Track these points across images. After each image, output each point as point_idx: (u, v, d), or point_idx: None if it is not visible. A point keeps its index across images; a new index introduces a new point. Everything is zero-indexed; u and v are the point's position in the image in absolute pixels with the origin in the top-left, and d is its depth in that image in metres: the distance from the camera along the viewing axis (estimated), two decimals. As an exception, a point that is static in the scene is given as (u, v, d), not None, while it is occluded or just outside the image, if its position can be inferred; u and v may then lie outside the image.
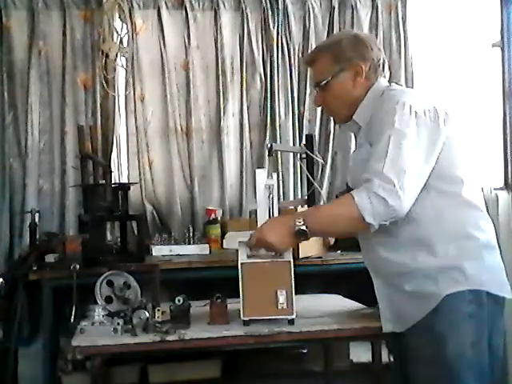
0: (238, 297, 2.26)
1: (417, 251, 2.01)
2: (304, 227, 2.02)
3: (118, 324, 2.21)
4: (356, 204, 1.95)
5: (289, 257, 2.23)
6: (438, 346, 1.97)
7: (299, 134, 4.45)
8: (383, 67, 2.20)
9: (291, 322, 2.26)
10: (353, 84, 2.17)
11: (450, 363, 1.96)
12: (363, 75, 2.16)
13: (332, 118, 2.39)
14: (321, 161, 4.01)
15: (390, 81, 2.25)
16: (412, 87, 4.54)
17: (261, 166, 4.43)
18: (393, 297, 2.10)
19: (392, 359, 2.31)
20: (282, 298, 2.22)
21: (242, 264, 2.26)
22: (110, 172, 3.78)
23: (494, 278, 2.04)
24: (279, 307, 2.22)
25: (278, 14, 4.44)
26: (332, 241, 3.87)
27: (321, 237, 2.34)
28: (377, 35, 4.53)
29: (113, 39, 4.23)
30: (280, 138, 4.44)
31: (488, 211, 2.10)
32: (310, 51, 2.51)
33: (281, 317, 2.25)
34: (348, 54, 2.17)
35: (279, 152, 4.32)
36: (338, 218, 2.04)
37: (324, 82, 2.18)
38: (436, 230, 2.00)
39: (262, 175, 2.35)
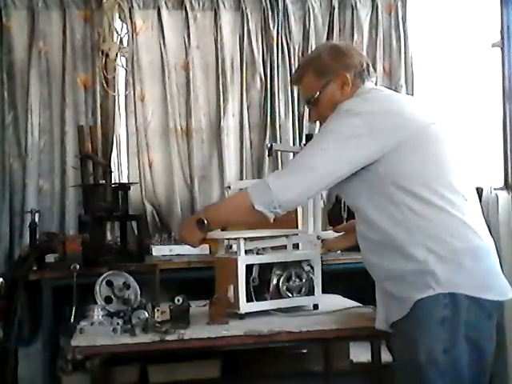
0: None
1: (394, 256, 2.02)
2: (203, 217, 2.22)
3: (118, 324, 2.21)
4: (248, 192, 2.08)
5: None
6: (410, 350, 1.95)
7: (299, 134, 4.45)
8: (368, 71, 2.20)
9: (241, 316, 2.37)
10: (341, 93, 2.18)
11: (422, 369, 1.93)
12: (349, 83, 2.17)
13: None
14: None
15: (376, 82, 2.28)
16: (412, 87, 4.55)
17: (261, 166, 4.44)
18: (383, 297, 2.13)
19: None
20: (230, 293, 2.39)
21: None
22: (110, 172, 3.79)
23: (475, 282, 1.96)
24: (229, 301, 2.39)
25: (278, 14, 4.45)
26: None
27: (222, 226, 2.42)
28: (377, 35, 4.54)
29: (113, 39, 4.22)
30: (280, 138, 4.44)
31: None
32: (295, 70, 2.50)
33: (232, 310, 2.38)
34: (331, 66, 2.19)
35: (279, 152, 4.31)
36: (235, 208, 2.19)
37: (314, 98, 2.21)
38: (406, 235, 1.98)
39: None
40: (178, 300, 2.32)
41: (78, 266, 2.80)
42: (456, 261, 1.96)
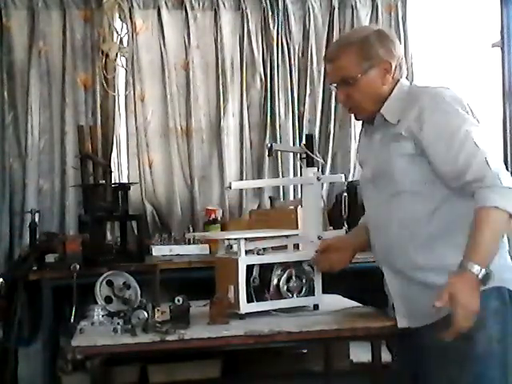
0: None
1: (449, 249, 2.00)
2: (483, 270, 1.91)
3: (118, 324, 2.21)
4: (499, 209, 1.92)
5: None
6: (465, 343, 1.95)
7: (299, 133, 4.45)
8: (404, 65, 2.21)
9: (242, 316, 2.35)
10: (381, 81, 2.13)
11: (478, 360, 1.97)
12: (392, 72, 2.13)
13: (351, 115, 2.32)
14: (321, 161, 3.99)
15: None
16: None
17: (261, 166, 4.44)
18: (411, 292, 2.10)
19: (396, 358, 2.29)
20: (230, 293, 2.38)
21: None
22: (110, 172, 3.79)
23: None
24: (230, 301, 2.38)
25: (278, 14, 4.45)
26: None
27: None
28: (377, 35, 4.53)
29: (113, 39, 4.23)
30: (280, 137, 4.44)
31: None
32: (330, 47, 2.42)
33: (232, 310, 2.36)
34: (377, 51, 2.12)
35: (279, 152, 4.32)
36: (497, 232, 1.97)
37: (352, 80, 2.13)
38: (463, 228, 1.97)
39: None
40: (178, 300, 2.32)
41: (77, 266, 2.80)
42: (503, 256, 2.05)
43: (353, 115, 2.28)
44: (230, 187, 2.69)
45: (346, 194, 3.94)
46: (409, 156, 2.06)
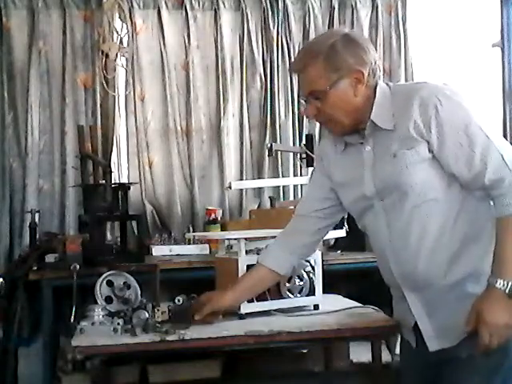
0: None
1: (476, 252, 1.92)
2: (510, 283, 1.83)
3: (118, 324, 2.21)
4: None
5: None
6: (499, 351, 1.88)
7: (299, 134, 4.45)
8: (378, 68, 2.00)
9: (242, 317, 2.36)
10: (354, 92, 1.96)
11: (508, 368, 1.91)
12: (364, 82, 1.95)
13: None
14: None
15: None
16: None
17: (261, 166, 4.44)
18: (439, 310, 1.98)
19: (407, 363, 2.21)
20: None
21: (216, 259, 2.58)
22: (110, 172, 3.78)
23: None
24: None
25: (278, 14, 4.45)
26: (332, 241, 3.89)
27: None
28: (377, 35, 4.54)
29: (113, 39, 4.23)
30: (280, 138, 4.44)
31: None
32: (296, 56, 2.17)
33: (232, 310, 2.37)
34: (346, 60, 1.94)
35: (279, 152, 4.32)
36: None
37: (320, 93, 1.96)
38: (488, 229, 1.92)
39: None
40: (178, 300, 2.32)
41: (78, 266, 2.80)
42: None
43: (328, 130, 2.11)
44: (230, 187, 2.70)
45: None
46: (426, 161, 1.92)
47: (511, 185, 1.85)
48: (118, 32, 4.26)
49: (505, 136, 4.31)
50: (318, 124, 4.51)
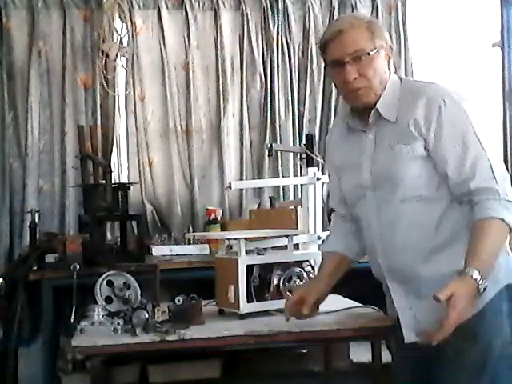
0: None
1: (455, 254, 1.91)
2: (484, 281, 1.82)
3: (118, 324, 2.21)
4: (505, 222, 1.87)
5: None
6: (482, 349, 1.91)
7: (299, 133, 4.45)
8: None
9: (242, 316, 2.35)
10: (387, 66, 2.01)
11: (495, 366, 1.92)
12: (391, 62, 2.03)
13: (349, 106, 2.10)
14: (321, 161, 4.01)
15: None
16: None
17: (261, 166, 4.44)
18: (418, 304, 2.00)
19: (399, 362, 2.24)
20: (230, 293, 2.39)
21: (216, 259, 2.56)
22: (110, 172, 3.79)
23: None
24: (230, 301, 2.39)
25: (278, 14, 4.45)
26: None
27: None
28: (377, 35, 4.53)
29: (113, 39, 4.23)
30: (280, 137, 4.44)
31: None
32: (337, 20, 2.26)
33: (232, 310, 2.39)
34: (384, 35, 2.02)
35: (279, 152, 4.32)
36: (500, 243, 1.92)
37: (365, 54, 1.96)
38: (469, 230, 1.92)
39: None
40: (178, 300, 2.32)
41: (78, 266, 2.80)
42: (506, 250, 1.99)
43: (351, 103, 2.08)
44: (230, 187, 2.70)
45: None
46: (420, 158, 1.95)
47: (495, 195, 1.89)
48: (118, 32, 4.27)
49: (505, 136, 4.31)
50: (318, 124, 4.52)
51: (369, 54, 1.96)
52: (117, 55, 4.23)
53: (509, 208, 1.89)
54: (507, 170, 2.00)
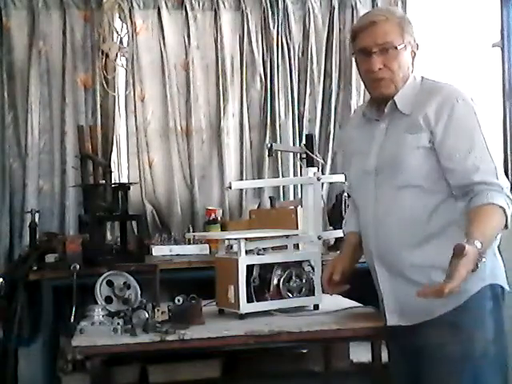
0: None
1: (444, 246, 1.94)
2: (484, 257, 1.89)
3: (118, 324, 2.21)
4: (505, 212, 1.95)
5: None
6: (463, 342, 1.97)
7: (299, 133, 4.45)
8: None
9: (242, 316, 2.36)
10: (411, 63, 2.12)
11: (476, 360, 1.97)
12: (415, 60, 2.13)
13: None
14: (321, 161, 4.00)
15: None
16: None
17: (261, 166, 4.44)
18: (403, 289, 2.07)
19: (392, 358, 2.29)
20: (230, 293, 2.40)
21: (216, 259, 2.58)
22: (110, 172, 3.79)
23: (503, 273, 2.09)
24: (230, 301, 2.40)
25: (278, 14, 4.44)
26: (332, 241, 3.89)
27: None
28: (377, 35, 4.53)
29: (113, 39, 4.23)
30: (280, 137, 4.44)
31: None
32: (372, 12, 2.37)
33: (232, 310, 2.40)
34: (413, 32, 2.11)
35: (279, 152, 4.31)
36: (497, 230, 1.97)
37: (396, 46, 2.06)
38: (460, 228, 1.97)
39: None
40: (178, 300, 2.32)
41: (78, 266, 2.80)
42: (493, 251, 2.06)
43: (371, 92, 2.18)
44: (230, 187, 2.70)
45: (346, 193, 3.94)
46: (422, 149, 2.03)
47: (496, 188, 1.95)
48: (118, 32, 4.26)
49: (505, 136, 4.31)
50: (318, 124, 4.51)
51: (396, 47, 2.06)
52: (117, 55, 4.23)
53: (508, 203, 1.95)
54: (507, 169, 2.03)
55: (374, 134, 2.16)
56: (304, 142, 3.92)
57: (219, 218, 4.17)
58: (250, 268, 2.40)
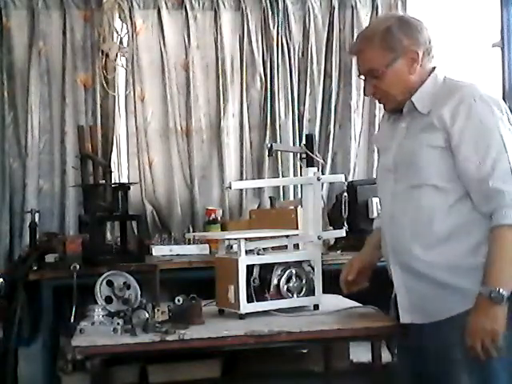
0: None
1: (459, 247, 1.98)
2: (505, 292, 1.91)
3: (118, 324, 2.21)
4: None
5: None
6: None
7: (299, 133, 4.45)
8: (433, 48, 2.18)
9: (242, 317, 2.36)
10: (409, 71, 2.10)
11: (489, 363, 1.95)
12: (419, 61, 2.10)
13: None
14: (321, 161, 4.00)
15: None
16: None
17: (261, 166, 4.44)
18: (416, 287, 2.08)
19: (397, 358, 2.28)
20: (230, 293, 2.40)
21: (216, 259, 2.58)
22: (110, 172, 3.79)
23: None
24: (230, 301, 2.40)
25: (277, 14, 4.45)
26: (332, 241, 3.89)
27: None
28: (377, 35, 4.53)
29: (113, 39, 4.23)
30: (280, 137, 4.44)
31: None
32: (355, 39, 2.37)
33: (232, 310, 2.40)
34: (401, 41, 2.08)
35: (279, 152, 4.31)
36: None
37: (377, 73, 2.10)
38: (476, 229, 1.98)
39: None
40: (178, 300, 2.32)
41: (78, 266, 2.80)
42: None
43: (382, 105, 2.23)
44: (230, 187, 2.69)
45: (346, 194, 3.94)
46: (438, 149, 2.02)
47: (510, 199, 1.93)
48: (117, 32, 4.26)
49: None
50: (318, 124, 4.52)
51: (381, 71, 2.09)
52: (117, 55, 4.23)
53: None
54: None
55: (395, 132, 2.17)
56: (304, 141, 3.92)
57: (219, 218, 4.17)
58: (250, 268, 2.40)
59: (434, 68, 2.16)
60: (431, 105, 2.07)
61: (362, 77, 2.16)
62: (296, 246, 2.68)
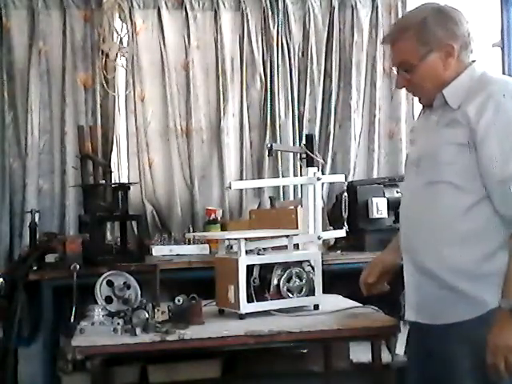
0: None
1: (476, 253, 1.92)
2: None
3: (118, 324, 2.21)
4: None
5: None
6: (479, 354, 1.88)
7: (299, 133, 4.45)
8: (472, 41, 2.06)
9: (242, 316, 2.37)
10: (443, 65, 2.00)
11: (499, 371, 1.88)
12: (455, 55, 1.99)
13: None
14: (321, 161, 4.01)
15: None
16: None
17: (261, 166, 4.44)
18: (425, 286, 2.01)
19: (408, 356, 2.24)
20: (230, 293, 2.41)
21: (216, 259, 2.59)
22: (110, 172, 3.79)
23: None
24: (230, 301, 2.41)
25: (277, 14, 4.45)
26: (332, 241, 3.89)
27: None
28: (377, 35, 4.54)
29: (113, 39, 4.23)
30: (280, 138, 4.44)
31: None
32: (389, 29, 2.28)
33: (232, 310, 2.40)
34: (436, 34, 1.99)
35: (279, 152, 4.31)
36: None
37: (410, 66, 2.01)
38: (496, 234, 1.92)
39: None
40: (178, 300, 2.33)
41: (78, 266, 2.80)
42: None
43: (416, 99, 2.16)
44: (230, 187, 2.70)
45: (346, 194, 3.94)
46: (460, 145, 1.93)
47: None
48: (118, 32, 4.26)
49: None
50: (318, 124, 4.51)
51: (414, 65, 2.00)
52: (117, 55, 4.23)
53: None
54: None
55: (427, 124, 2.09)
56: (304, 141, 3.93)
57: (219, 218, 4.17)
58: (250, 268, 2.40)
59: (472, 62, 2.04)
60: (462, 99, 1.97)
61: (395, 68, 2.09)
62: (296, 246, 2.69)
